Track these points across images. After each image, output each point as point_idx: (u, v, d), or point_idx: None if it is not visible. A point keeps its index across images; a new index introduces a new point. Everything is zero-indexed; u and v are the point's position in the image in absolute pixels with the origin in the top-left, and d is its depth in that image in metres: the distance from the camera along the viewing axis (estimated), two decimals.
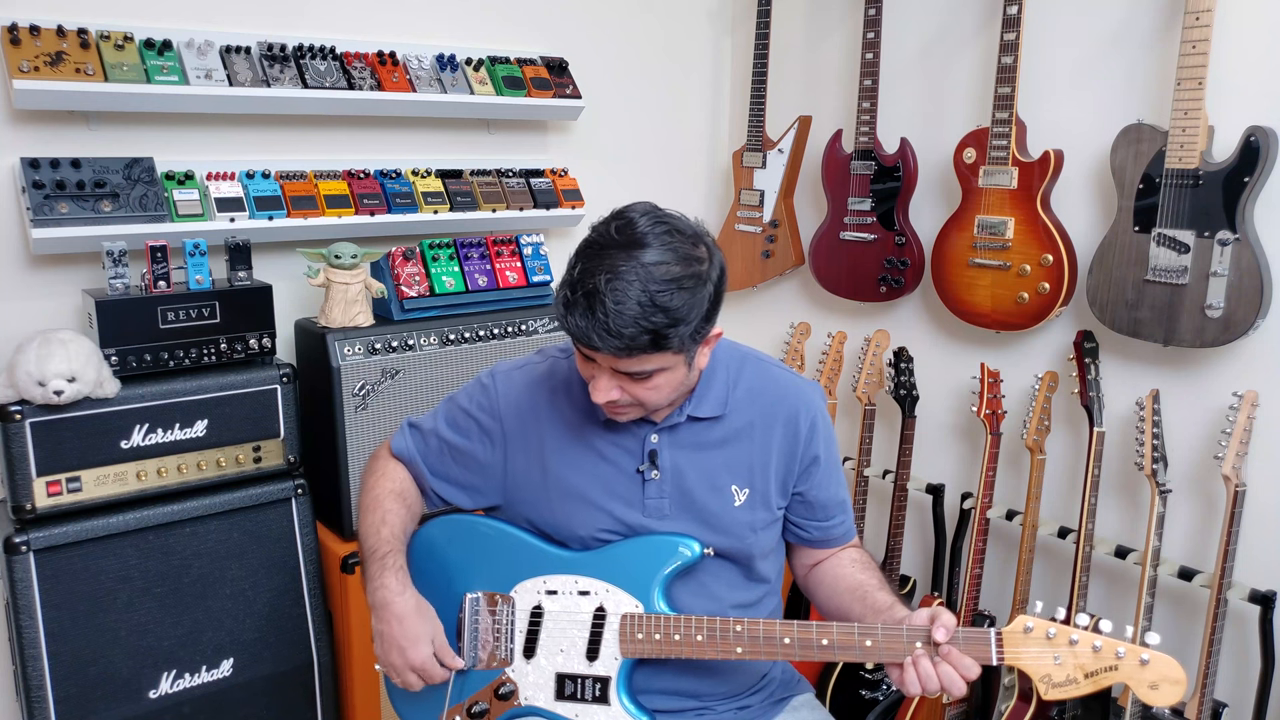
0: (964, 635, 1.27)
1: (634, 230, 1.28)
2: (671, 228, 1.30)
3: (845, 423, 2.80)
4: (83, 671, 1.89)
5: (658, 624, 1.41)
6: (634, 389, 1.34)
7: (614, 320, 1.24)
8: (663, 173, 3.04)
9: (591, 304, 1.25)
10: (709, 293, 1.30)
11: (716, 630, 1.38)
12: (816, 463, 1.50)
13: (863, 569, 1.52)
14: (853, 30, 2.63)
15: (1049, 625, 1.25)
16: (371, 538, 1.52)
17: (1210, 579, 2.00)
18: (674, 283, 1.26)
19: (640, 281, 1.24)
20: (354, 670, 2.15)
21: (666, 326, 1.26)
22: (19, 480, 1.82)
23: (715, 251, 1.34)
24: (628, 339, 1.25)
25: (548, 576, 1.48)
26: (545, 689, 1.46)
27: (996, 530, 2.45)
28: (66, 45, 1.96)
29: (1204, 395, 2.10)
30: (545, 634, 1.47)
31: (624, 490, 1.47)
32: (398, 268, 2.25)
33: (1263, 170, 1.89)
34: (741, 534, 1.47)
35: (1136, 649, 1.22)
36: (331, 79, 2.25)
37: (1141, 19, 2.13)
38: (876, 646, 1.31)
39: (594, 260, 1.27)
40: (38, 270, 2.08)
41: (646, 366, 1.31)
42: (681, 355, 1.32)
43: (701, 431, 1.47)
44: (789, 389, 1.51)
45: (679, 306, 1.26)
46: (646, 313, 1.24)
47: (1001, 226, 2.27)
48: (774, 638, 1.36)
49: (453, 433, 1.57)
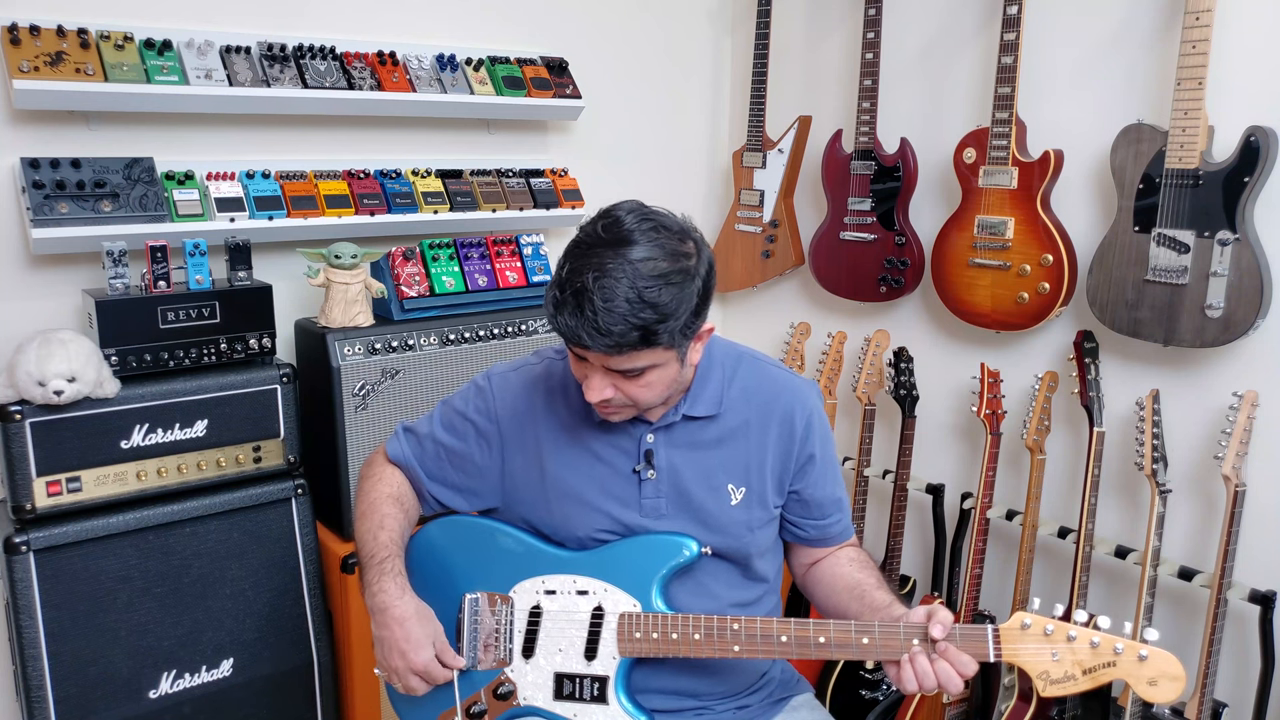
0: (961, 632, 1.27)
1: (620, 228, 1.28)
2: (658, 224, 1.30)
3: (845, 423, 2.80)
4: (83, 671, 1.89)
5: (655, 623, 1.41)
6: (627, 387, 1.35)
7: (603, 318, 1.24)
8: (663, 173, 3.04)
9: (580, 302, 1.26)
10: (697, 287, 1.30)
11: (714, 629, 1.38)
12: (812, 461, 1.50)
13: (860, 567, 1.52)
14: (853, 30, 2.63)
15: (1047, 621, 1.25)
16: (369, 543, 1.52)
17: (1210, 579, 2.00)
18: (661, 278, 1.26)
19: (628, 278, 1.25)
20: (354, 670, 2.15)
21: (656, 322, 1.26)
22: (19, 480, 1.82)
23: (703, 247, 1.34)
24: (617, 336, 1.25)
25: (546, 576, 1.48)
26: (544, 689, 1.46)
27: (996, 530, 2.45)
28: (66, 45, 1.96)
29: (1204, 395, 2.10)
30: (544, 634, 1.47)
31: (620, 491, 1.48)
32: (398, 268, 2.25)
33: (1263, 170, 1.89)
34: (738, 533, 1.47)
35: (1134, 645, 1.22)
36: (331, 79, 2.26)
37: (1141, 19, 2.13)
38: (873, 644, 1.31)
39: (581, 259, 1.28)
40: (38, 270, 2.08)
41: (638, 364, 1.31)
42: (673, 351, 1.32)
43: (697, 430, 1.48)
44: (785, 387, 1.51)
45: (667, 302, 1.26)
46: (635, 309, 1.25)
47: (1001, 226, 2.27)
48: (771, 636, 1.36)
49: (449, 436, 1.57)
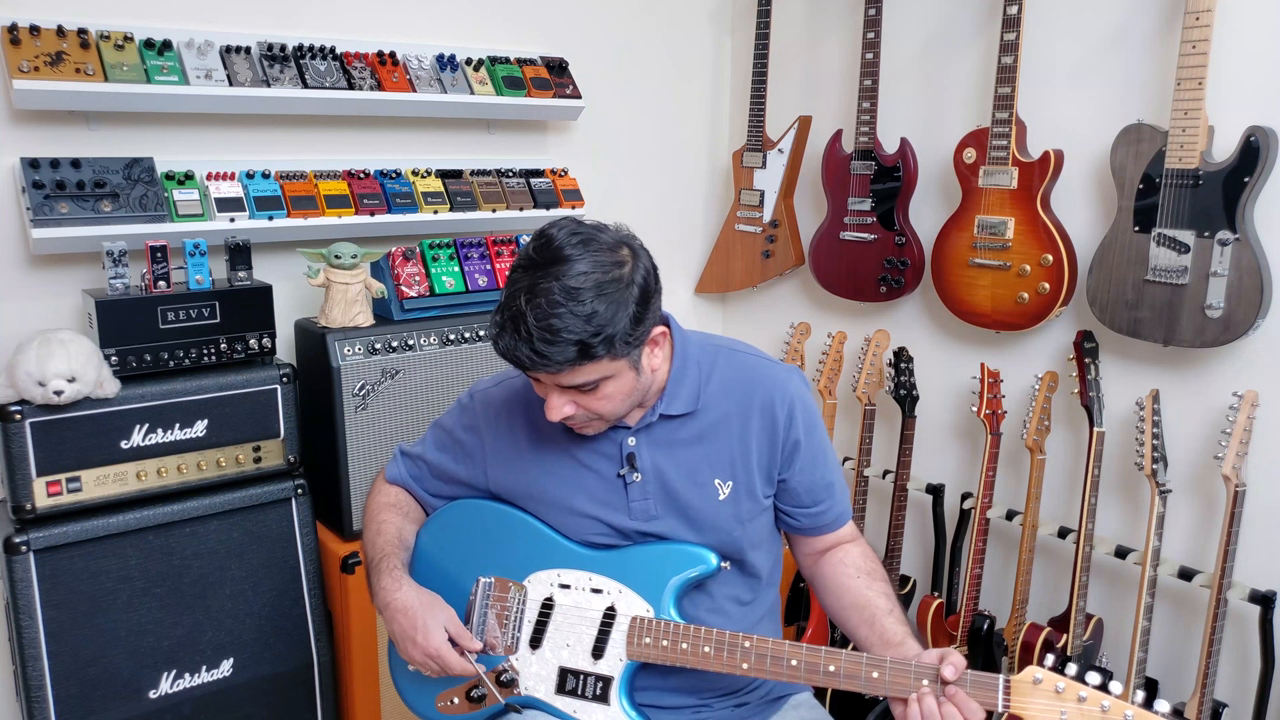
0: (972, 678, 1.27)
1: (551, 247, 1.30)
2: (588, 238, 1.31)
3: (845, 423, 2.80)
4: (83, 671, 1.89)
5: (666, 630, 1.41)
6: (586, 401, 1.36)
7: (538, 340, 1.27)
8: (663, 173, 3.04)
9: (517, 326, 1.28)
10: (634, 295, 1.31)
11: (725, 644, 1.38)
12: (798, 448, 1.48)
13: (869, 581, 1.49)
14: (853, 30, 2.63)
15: (1058, 679, 1.24)
16: (369, 549, 1.57)
17: (1210, 579, 2.00)
18: (593, 291, 1.27)
19: (559, 297, 1.26)
20: (354, 670, 2.15)
21: (591, 336, 1.27)
22: (19, 480, 1.82)
23: (641, 254, 1.35)
24: (556, 354, 1.27)
25: (562, 570, 1.49)
26: (546, 681, 1.46)
27: (996, 530, 2.45)
28: (66, 45, 1.96)
29: (1204, 395, 2.10)
30: (554, 626, 1.47)
31: (608, 496, 1.48)
32: (398, 268, 2.25)
33: (1263, 170, 1.89)
34: (729, 527, 1.47)
35: (1145, 714, 1.20)
36: (331, 79, 2.25)
37: (1141, 19, 2.13)
38: (883, 680, 1.31)
39: (517, 283, 1.30)
40: (38, 270, 2.08)
41: (589, 377, 1.32)
42: (622, 361, 1.33)
43: (676, 429, 1.47)
44: (764, 376, 1.49)
45: (602, 314, 1.27)
46: (568, 325, 1.26)
47: (1001, 226, 2.27)
48: (781, 658, 1.35)
49: (441, 455, 1.61)
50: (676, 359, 1.46)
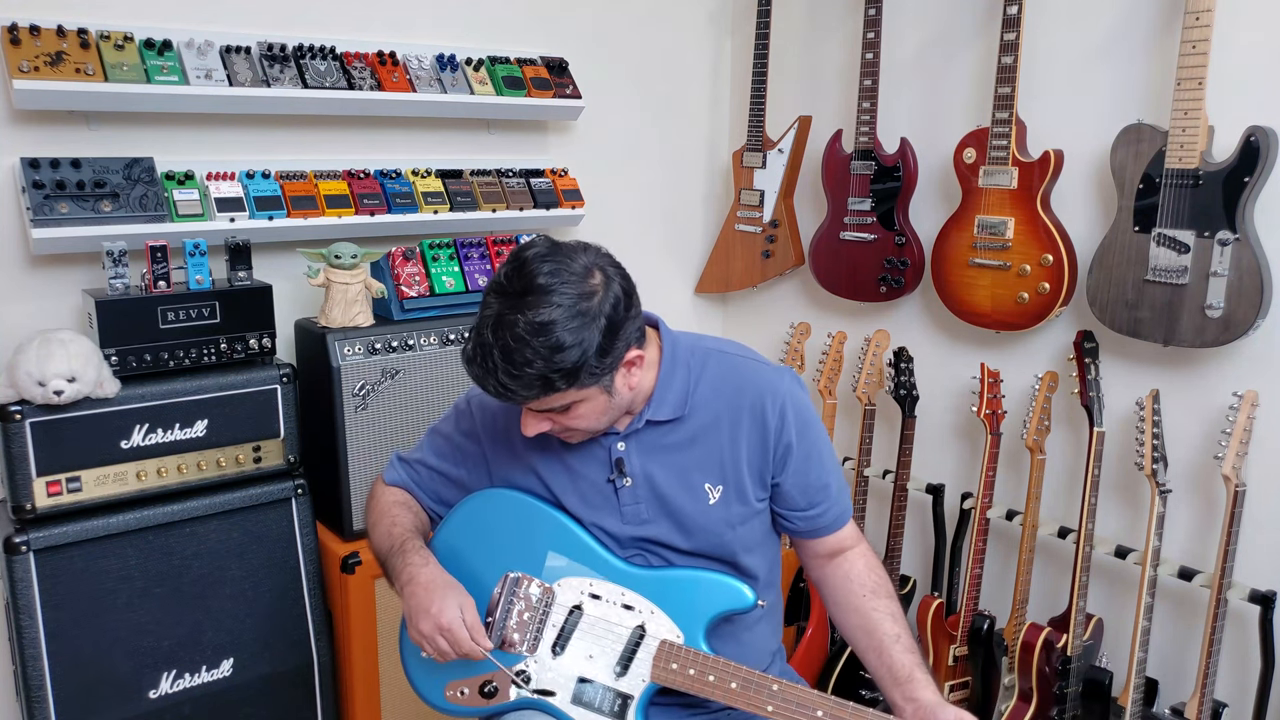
0: None
1: (523, 274, 1.30)
2: (560, 266, 1.31)
3: (845, 423, 2.80)
4: (83, 671, 1.89)
5: (694, 659, 1.39)
6: (561, 419, 1.38)
7: (502, 373, 1.28)
8: (663, 173, 3.04)
9: (484, 357, 1.30)
10: (600, 326, 1.30)
11: (753, 683, 1.36)
12: (791, 451, 1.46)
13: (874, 599, 1.48)
14: (853, 30, 2.63)
15: None
16: (385, 540, 1.54)
17: (1210, 579, 2.00)
18: (558, 326, 1.27)
19: (523, 330, 1.27)
20: (354, 670, 2.15)
21: (552, 371, 1.28)
22: (19, 480, 1.82)
23: (612, 281, 1.34)
24: (521, 387, 1.29)
25: (595, 580, 1.47)
26: (564, 688, 1.45)
27: (996, 530, 2.45)
28: (66, 45, 1.96)
29: (1204, 395, 2.10)
30: (579, 635, 1.46)
31: (599, 501, 1.48)
32: (398, 268, 2.25)
33: (1263, 170, 1.89)
34: (719, 531, 1.46)
35: None
36: (331, 79, 2.25)
37: (1141, 19, 2.13)
38: None
39: (488, 308, 1.32)
40: (38, 270, 2.08)
41: (558, 403, 1.34)
42: (592, 388, 1.34)
43: (665, 434, 1.46)
44: (754, 379, 1.47)
45: (566, 347, 1.28)
46: (529, 361, 1.27)
47: (1001, 226, 2.27)
48: (807, 706, 1.34)
49: (440, 460, 1.61)
50: (665, 363, 1.45)
